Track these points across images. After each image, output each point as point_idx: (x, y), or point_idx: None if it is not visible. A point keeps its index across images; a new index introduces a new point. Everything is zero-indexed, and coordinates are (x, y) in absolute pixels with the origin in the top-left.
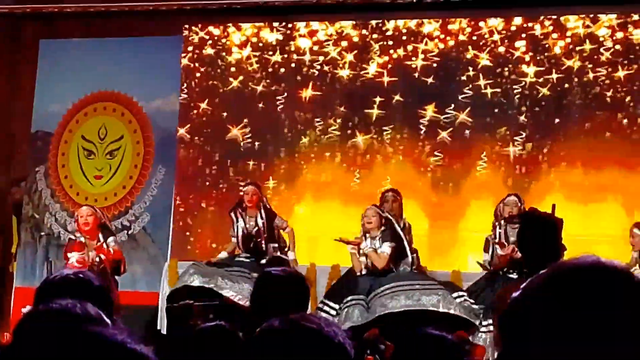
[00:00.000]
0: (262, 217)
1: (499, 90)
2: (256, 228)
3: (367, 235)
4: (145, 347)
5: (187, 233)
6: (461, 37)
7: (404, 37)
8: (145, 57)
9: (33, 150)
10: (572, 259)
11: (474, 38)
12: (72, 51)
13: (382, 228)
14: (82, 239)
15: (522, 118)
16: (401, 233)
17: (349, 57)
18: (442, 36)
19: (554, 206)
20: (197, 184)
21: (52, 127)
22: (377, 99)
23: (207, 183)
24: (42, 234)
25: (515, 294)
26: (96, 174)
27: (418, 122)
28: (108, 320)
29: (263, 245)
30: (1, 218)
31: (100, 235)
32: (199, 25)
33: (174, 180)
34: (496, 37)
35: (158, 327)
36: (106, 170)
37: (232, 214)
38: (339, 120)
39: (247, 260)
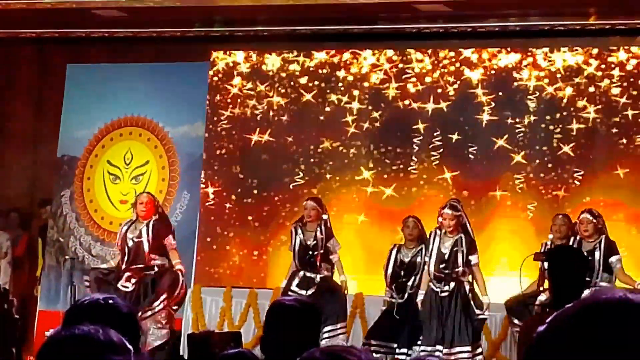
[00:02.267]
0: (321, 232)
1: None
2: (314, 242)
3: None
4: None
5: (211, 259)
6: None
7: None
8: (171, 83)
9: (59, 175)
10: (600, 293)
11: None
12: (99, 76)
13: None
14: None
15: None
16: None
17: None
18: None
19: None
20: (221, 210)
21: (78, 151)
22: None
23: (232, 210)
24: (67, 257)
25: (541, 328)
26: (121, 199)
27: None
28: (131, 348)
29: (318, 261)
30: (27, 241)
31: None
32: (226, 52)
33: (198, 207)
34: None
35: (181, 353)
36: (131, 195)
37: (292, 228)
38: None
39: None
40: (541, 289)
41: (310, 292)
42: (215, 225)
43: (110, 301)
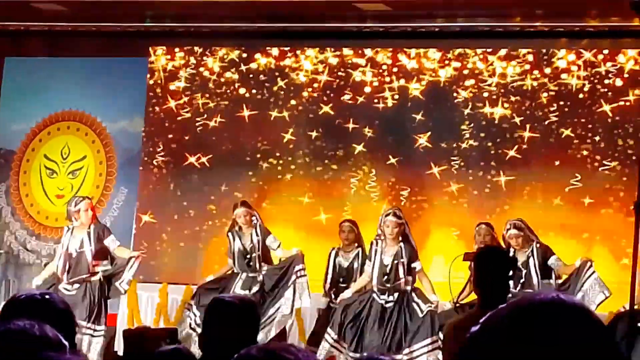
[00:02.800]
0: (257, 234)
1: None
2: (251, 245)
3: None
4: None
5: (148, 255)
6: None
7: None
8: (110, 78)
9: None
10: (533, 294)
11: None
12: (37, 70)
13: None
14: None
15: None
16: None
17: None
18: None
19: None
20: (158, 206)
21: (14, 145)
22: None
23: (169, 205)
24: (1, 252)
25: (474, 328)
26: (58, 193)
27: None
28: (66, 344)
29: (257, 263)
30: None
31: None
32: (165, 48)
33: (135, 202)
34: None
35: (115, 349)
36: (68, 190)
37: (229, 235)
38: (305, 149)
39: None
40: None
41: (254, 290)
42: (152, 221)
43: (47, 296)
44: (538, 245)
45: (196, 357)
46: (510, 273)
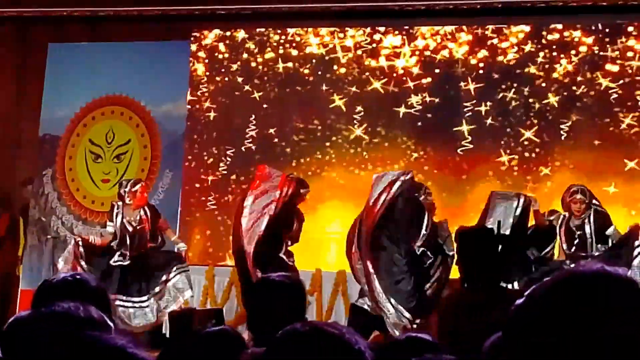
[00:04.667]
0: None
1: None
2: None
3: None
4: (146, 351)
5: (194, 237)
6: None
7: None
8: (153, 62)
9: (40, 154)
10: (577, 267)
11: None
12: (81, 55)
13: None
14: None
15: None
16: None
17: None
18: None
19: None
20: (203, 188)
21: (59, 130)
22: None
23: (214, 188)
24: (49, 237)
25: (519, 301)
26: (103, 178)
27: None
28: (111, 324)
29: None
30: (8, 221)
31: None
32: (208, 30)
33: (180, 185)
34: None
35: (163, 331)
36: (113, 174)
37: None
38: (348, 126)
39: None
40: None
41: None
42: (197, 204)
43: (78, 277)
44: (598, 211)
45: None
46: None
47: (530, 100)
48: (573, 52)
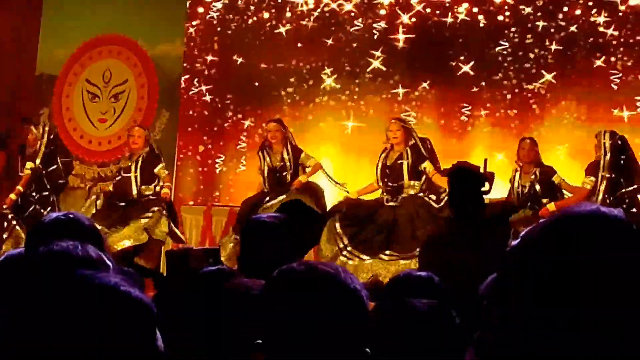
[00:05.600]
0: (287, 153)
1: None
2: (282, 164)
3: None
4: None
5: (190, 178)
6: None
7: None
8: (151, 1)
9: (37, 93)
10: (573, 208)
11: None
12: None
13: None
14: None
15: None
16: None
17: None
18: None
19: (485, 160)
20: (201, 129)
21: (56, 70)
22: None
23: (212, 128)
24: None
25: (514, 242)
26: (100, 117)
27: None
28: (109, 263)
29: (288, 179)
30: (5, 159)
31: None
32: None
33: (177, 125)
34: None
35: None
36: (110, 114)
37: (259, 153)
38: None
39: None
40: None
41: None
42: (195, 145)
43: (71, 216)
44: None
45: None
46: (484, 188)
47: None
48: None
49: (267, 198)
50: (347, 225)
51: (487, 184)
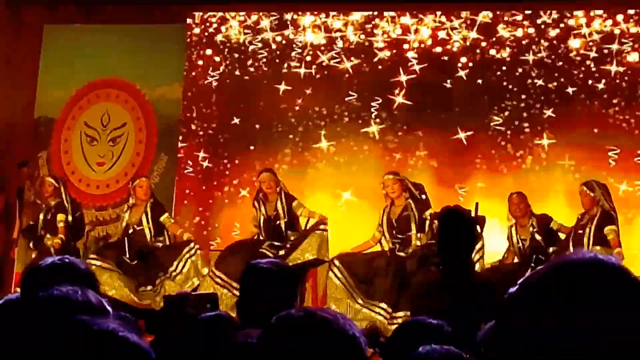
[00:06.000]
0: (281, 202)
1: None
2: (275, 212)
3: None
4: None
5: (188, 221)
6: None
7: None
8: (149, 45)
9: (35, 136)
10: (571, 255)
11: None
12: (76, 37)
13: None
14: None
15: None
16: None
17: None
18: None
19: (477, 205)
20: (199, 172)
21: (55, 113)
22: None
23: (210, 172)
24: None
25: (512, 289)
26: (99, 161)
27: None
28: (109, 308)
29: (283, 229)
30: (3, 203)
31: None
32: (203, 13)
33: (176, 169)
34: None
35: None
36: (109, 157)
37: (255, 203)
38: (345, 111)
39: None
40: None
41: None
42: (193, 188)
43: (67, 260)
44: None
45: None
46: (475, 233)
47: None
48: None
49: (264, 245)
50: (360, 280)
51: (478, 227)
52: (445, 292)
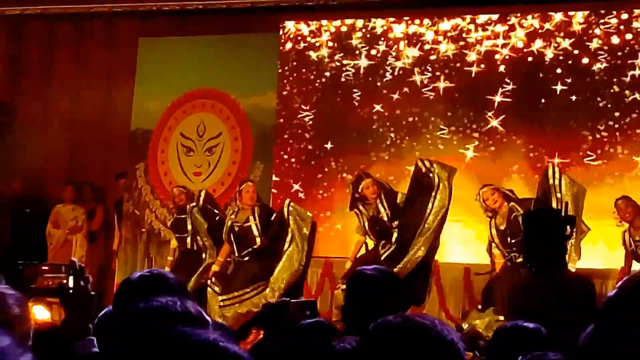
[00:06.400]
0: (382, 204)
1: None
2: (379, 214)
3: None
4: (238, 345)
5: None
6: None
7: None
8: (242, 54)
9: (132, 148)
10: None
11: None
12: (170, 49)
13: None
14: None
15: None
16: None
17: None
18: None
19: (566, 204)
20: (295, 179)
21: (151, 124)
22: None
23: (304, 180)
24: (143, 230)
25: (611, 293)
26: (195, 171)
27: None
28: (208, 318)
29: (388, 224)
30: (103, 215)
31: None
32: (297, 22)
33: (272, 177)
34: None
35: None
36: (205, 167)
37: (355, 210)
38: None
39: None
40: None
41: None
42: (288, 196)
43: (156, 272)
44: None
45: (337, 330)
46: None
47: None
48: None
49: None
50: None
51: (568, 227)
52: (541, 294)
